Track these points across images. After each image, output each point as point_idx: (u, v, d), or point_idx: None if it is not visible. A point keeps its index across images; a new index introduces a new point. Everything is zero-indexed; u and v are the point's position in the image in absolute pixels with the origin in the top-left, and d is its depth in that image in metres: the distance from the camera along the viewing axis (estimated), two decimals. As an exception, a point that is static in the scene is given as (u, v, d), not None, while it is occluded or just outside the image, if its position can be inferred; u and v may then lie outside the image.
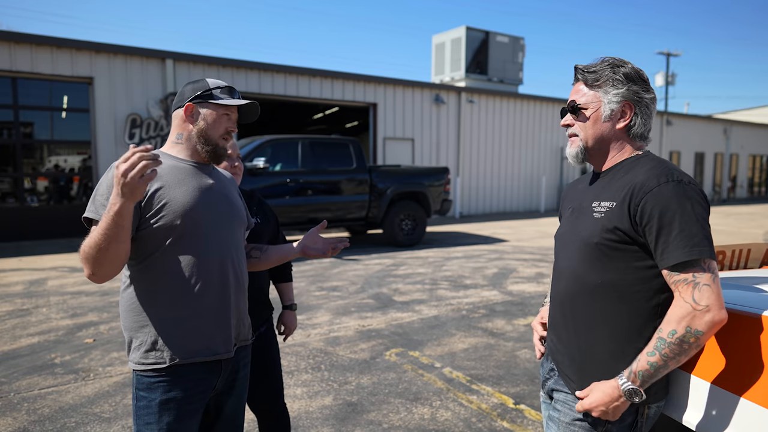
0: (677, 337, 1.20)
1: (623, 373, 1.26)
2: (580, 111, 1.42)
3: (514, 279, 6.97)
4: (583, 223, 1.40)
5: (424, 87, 15.32)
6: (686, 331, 1.20)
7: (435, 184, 10.02)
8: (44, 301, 5.71)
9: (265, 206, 2.24)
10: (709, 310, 1.19)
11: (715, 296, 1.20)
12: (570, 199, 1.56)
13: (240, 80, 12.29)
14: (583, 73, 1.42)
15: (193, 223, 1.48)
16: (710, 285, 1.20)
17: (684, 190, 1.25)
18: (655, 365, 1.22)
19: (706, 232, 1.23)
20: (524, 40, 19.19)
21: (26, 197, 10.61)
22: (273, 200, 8.20)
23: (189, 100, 1.57)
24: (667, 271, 1.25)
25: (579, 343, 1.38)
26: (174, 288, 1.47)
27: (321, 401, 3.27)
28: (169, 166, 1.53)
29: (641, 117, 1.38)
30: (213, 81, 1.60)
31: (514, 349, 4.24)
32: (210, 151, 1.58)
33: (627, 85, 1.36)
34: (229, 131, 1.60)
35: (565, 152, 12.93)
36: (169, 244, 1.46)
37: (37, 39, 10.01)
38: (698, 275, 1.21)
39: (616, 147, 1.41)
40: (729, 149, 25.06)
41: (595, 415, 1.30)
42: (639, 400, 1.24)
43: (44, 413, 3.08)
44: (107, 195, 1.41)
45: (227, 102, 1.57)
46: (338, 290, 6.27)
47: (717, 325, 1.20)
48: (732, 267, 2.14)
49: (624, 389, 1.25)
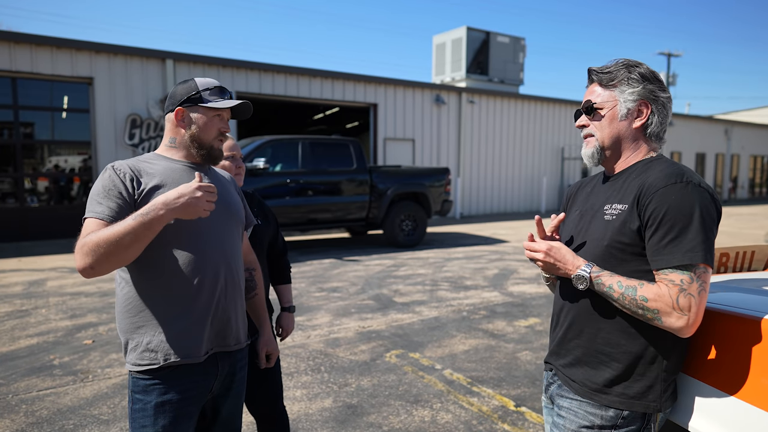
0: (642, 305, 1.22)
1: (593, 265, 1.30)
2: (595, 111, 1.40)
3: (515, 280, 6.95)
4: (593, 226, 1.38)
5: (425, 87, 15.30)
6: (652, 311, 1.22)
7: (435, 184, 10.00)
8: (43, 302, 5.69)
9: (265, 208, 2.23)
10: (685, 319, 1.20)
11: (696, 309, 1.20)
12: (577, 201, 1.54)
13: (240, 80, 12.28)
14: (598, 74, 1.40)
15: (188, 223, 1.47)
16: (694, 296, 1.20)
17: (692, 192, 1.23)
18: (609, 293, 1.26)
19: (705, 237, 1.21)
20: (525, 41, 19.17)
21: (26, 197, 10.59)
22: (273, 201, 8.18)
23: (179, 104, 1.55)
24: (656, 272, 1.24)
25: (584, 345, 1.37)
26: (169, 288, 1.46)
27: (321, 403, 3.25)
28: (164, 167, 1.53)
29: (658, 116, 1.36)
30: (202, 81, 1.57)
31: (515, 350, 4.22)
32: (205, 154, 1.57)
33: (643, 84, 1.35)
34: (222, 132, 1.58)
35: (565, 153, 12.92)
36: (163, 244, 1.45)
37: (36, 39, 10.00)
38: (686, 283, 1.20)
39: (631, 147, 1.39)
40: (730, 150, 25.04)
41: (531, 256, 1.38)
42: (578, 285, 1.30)
43: (42, 415, 3.07)
44: (103, 194, 1.41)
45: (217, 105, 1.55)
46: (338, 291, 6.25)
47: (678, 332, 1.22)
48: (736, 269, 2.12)
49: (581, 271, 1.29)
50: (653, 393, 1.29)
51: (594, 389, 1.34)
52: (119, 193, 1.42)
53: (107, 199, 1.41)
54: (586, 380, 1.35)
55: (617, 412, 1.31)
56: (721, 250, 2.05)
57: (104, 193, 1.41)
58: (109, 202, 1.41)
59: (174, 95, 1.57)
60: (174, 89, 1.59)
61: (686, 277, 1.20)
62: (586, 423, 1.34)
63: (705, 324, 1.38)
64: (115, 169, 1.46)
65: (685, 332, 1.22)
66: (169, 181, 1.50)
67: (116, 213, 1.40)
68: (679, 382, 1.39)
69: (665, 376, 1.30)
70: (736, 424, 1.26)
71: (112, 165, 1.47)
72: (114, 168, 1.46)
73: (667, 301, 1.20)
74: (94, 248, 1.31)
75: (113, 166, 1.47)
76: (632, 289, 1.23)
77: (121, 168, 1.46)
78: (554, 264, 1.34)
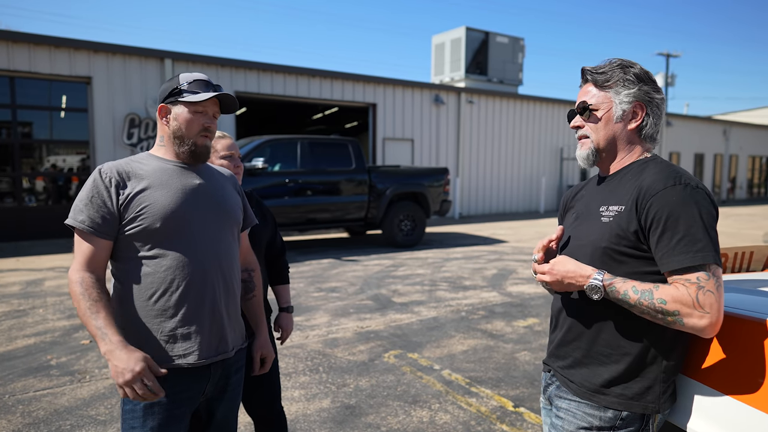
0: (660, 308, 1.19)
1: (604, 272, 1.26)
2: (591, 112, 1.39)
3: (514, 280, 6.95)
4: (590, 228, 1.37)
5: (424, 87, 15.29)
6: (673, 314, 1.18)
7: (434, 184, 10.00)
8: (41, 301, 5.68)
9: (263, 208, 2.22)
10: (708, 318, 1.17)
11: (717, 306, 1.18)
12: (573, 206, 1.53)
13: (239, 80, 12.26)
14: (593, 74, 1.39)
15: (175, 225, 1.45)
16: (714, 293, 1.18)
17: (691, 194, 1.23)
18: (625, 299, 1.23)
19: (711, 237, 1.21)
20: (524, 41, 19.18)
21: (24, 197, 10.57)
22: (272, 201, 8.17)
23: (162, 101, 1.54)
24: (668, 274, 1.23)
25: (584, 347, 1.36)
26: (156, 291, 1.44)
27: (319, 404, 3.24)
28: (154, 168, 1.51)
29: (652, 117, 1.36)
30: (185, 75, 1.53)
31: (513, 351, 4.21)
32: (187, 151, 1.53)
33: (638, 85, 1.34)
34: (206, 128, 1.54)
35: (564, 153, 12.93)
36: (150, 247, 1.44)
37: (35, 38, 9.98)
38: (703, 281, 1.18)
39: (626, 148, 1.39)
40: (728, 150, 25.07)
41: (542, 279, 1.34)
42: (593, 295, 1.26)
43: (39, 416, 3.05)
44: (86, 201, 1.43)
45: (195, 98, 1.50)
46: (337, 291, 6.24)
47: (702, 332, 1.19)
48: (735, 270, 2.12)
49: (593, 281, 1.25)
50: (652, 394, 1.29)
51: (592, 390, 1.33)
52: (102, 203, 1.42)
53: (89, 207, 1.42)
54: (585, 381, 1.35)
55: (616, 413, 1.30)
56: (720, 251, 2.04)
57: (87, 200, 1.43)
58: (91, 211, 1.42)
59: (160, 92, 1.56)
60: (162, 86, 1.57)
61: (703, 275, 1.18)
62: (584, 424, 1.34)
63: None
64: (101, 174, 1.45)
65: (709, 331, 1.18)
66: (158, 182, 1.48)
67: (97, 225, 1.42)
68: (678, 384, 1.38)
69: (664, 377, 1.30)
70: (735, 425, 1.25)
71: (100, 168, 1.46)
72: (101, 172, 1.45)
73: (687, 300, 1.17)
74: (72, 294, 1.40)
75: (100, 170, 1.46)
76: (648, 293, 1.20)
77: (108, 172, 1.45)
78: (562, 280, 1.31)
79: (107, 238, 1.44)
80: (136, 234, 1.44)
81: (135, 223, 1.43)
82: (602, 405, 1.31)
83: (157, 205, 1.45)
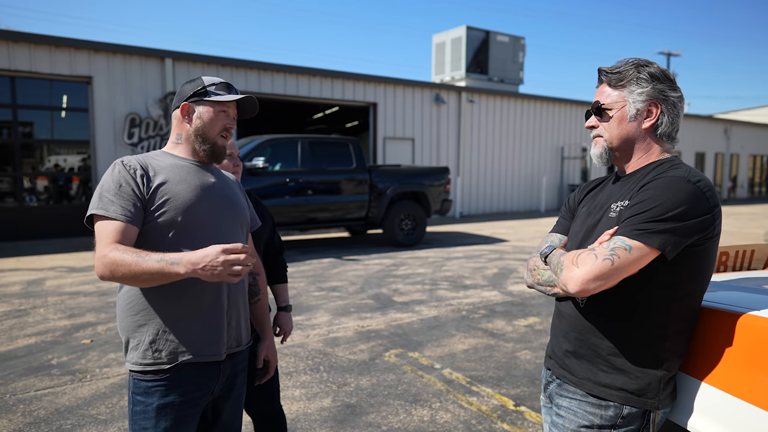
0: (553, 263, 1.33)
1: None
2: (604, 112, 1.39)
3: (515, 279, 6.94)
4: (600, 224, 1.38)
5: (425, 86, 15.29)
6: (558, 265, 1.30)
7: (435, 183, 9.99)
8: (42, 301, 5.68)
9: (261, 207, 2.22)
10: (574, 271, 1.23)
11: (588, 268, 1.20)
12: (585, 202, 1.53)
13: (240, 80, 12.27)
14: (607, 74, 1.39)
15: (194, 220, 1.47)
16: (597, 258, 1.20)
17: (686, 186, 1.21)
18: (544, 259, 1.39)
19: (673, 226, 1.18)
20: (524, 40, 19.17)
21: (25, 197, 10.58)
22: (272, 200, 8.18)
23: (185, 100, 1.55)
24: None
25: (585, 346, 1.36)
26: (173, 287, 1.44)
27: (319, 403, 3.24)
28: (170, 164, 1.52)
29: (668, 116, 1.34)
30: (209, 78, 1.59)
31: (514, 350, 4.21)
32: (208, 149, 1.56)
33: (652, 84, 1.33)
34: (227, 128, 1.58)
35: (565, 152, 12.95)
36: (169, 241, 1.44)
37: (35, 38, 9.98)
38: (605, 247, 1.22)
39: (642, 148, 1.38)
40: (729, 149, 25.04)
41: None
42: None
43: (40, 415, 3.06)
44: (114, 191, 1.40)
45: (222, 98, 1.55)
46: (338, 290, 6.24)
47: (565, 286, 1.25)
48: (735, 268, 2.12)
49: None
50: (652, 390, 1.29)
51: (593, 381, 1.33)
52: (132, 191, 1.41)
53: (120, 197, 1.40)
54: (586, 374, 1.35)
55: (617, 411, 1.30)
56: (721, 249, 2.04)
57: (116, 190, 1.41)
58: (123, 201, 1.40)
59: (181, 92, 1.58)
60: (181, 87, 1.60)
61: (619, 245, 1.20)
62: (585, 422, 1.33)
63: (705, 323, 1.37)
64: (125, 165, 1.45)
65: (570, 286, 1.22)
66: (176, 178, 1.49)
67: (132, 214, 1.40)
68: (678, 381, 1.38)
69: (665, 374, 1.29)
70: (736, 423, 1.25)
71: (122, 160, 1.46)
72: (124, 164, 1.45)
73: (571, 256, 1.26)
74: (112, 266, 1.33)
75: (123, 162, 1.46)
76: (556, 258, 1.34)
77: (131, 164, 1.46)
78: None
79: (139, 225, 1.43)
80: (158, 226, 1.44)
81: (157, 214, 1.44)
82: (602, 397, 1.31)
83: (179, 199, 1.46)
